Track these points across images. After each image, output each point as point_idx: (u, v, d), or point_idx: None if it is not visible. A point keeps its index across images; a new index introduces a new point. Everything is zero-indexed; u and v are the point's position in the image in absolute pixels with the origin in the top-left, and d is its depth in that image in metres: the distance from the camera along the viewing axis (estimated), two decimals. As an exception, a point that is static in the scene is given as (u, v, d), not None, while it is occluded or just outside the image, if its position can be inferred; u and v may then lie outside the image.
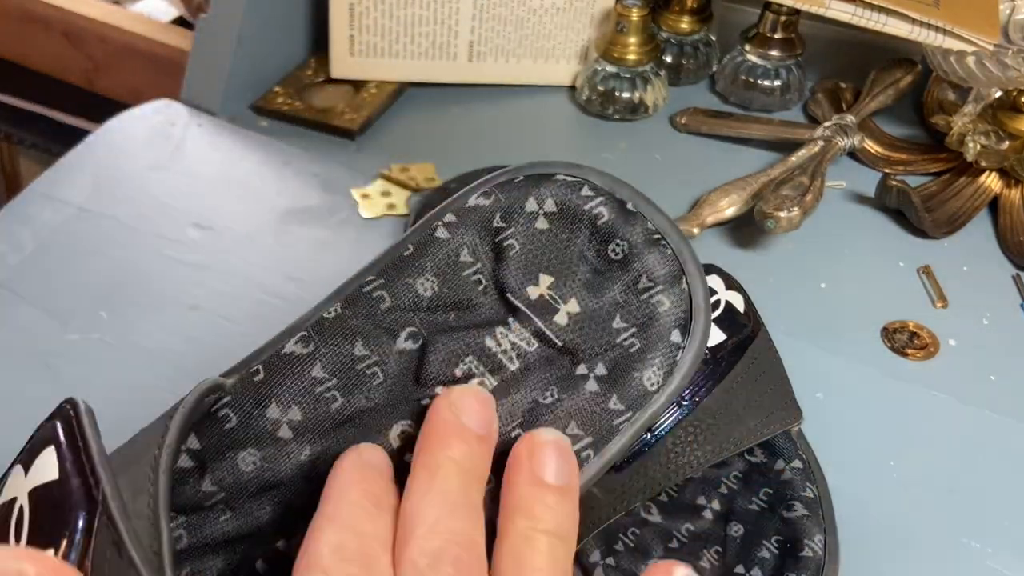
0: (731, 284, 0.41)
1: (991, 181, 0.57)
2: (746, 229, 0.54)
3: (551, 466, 0.27)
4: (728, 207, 0.54)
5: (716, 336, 0.39)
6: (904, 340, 0.48)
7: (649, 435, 0.36)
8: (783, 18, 0.62)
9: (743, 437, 0.37)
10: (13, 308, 0.48)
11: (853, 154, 0.59)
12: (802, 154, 0.56)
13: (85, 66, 0.88)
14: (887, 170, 0.59)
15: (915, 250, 0.54)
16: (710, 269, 0.41)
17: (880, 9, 0.56)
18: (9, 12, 0.88)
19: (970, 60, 0.54)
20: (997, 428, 0.44)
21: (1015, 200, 0.56)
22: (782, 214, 0.50)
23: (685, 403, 0.37)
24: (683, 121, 0.63)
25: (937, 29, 0.56)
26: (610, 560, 0.37)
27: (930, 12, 0.56)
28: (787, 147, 0.58)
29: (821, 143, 0.57)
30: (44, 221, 0.54)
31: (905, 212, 0.54)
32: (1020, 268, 0.53)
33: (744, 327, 0.40)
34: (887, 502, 0.40)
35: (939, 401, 0.45)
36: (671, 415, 0.37)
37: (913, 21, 0.56)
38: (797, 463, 0.39)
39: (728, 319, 0.39)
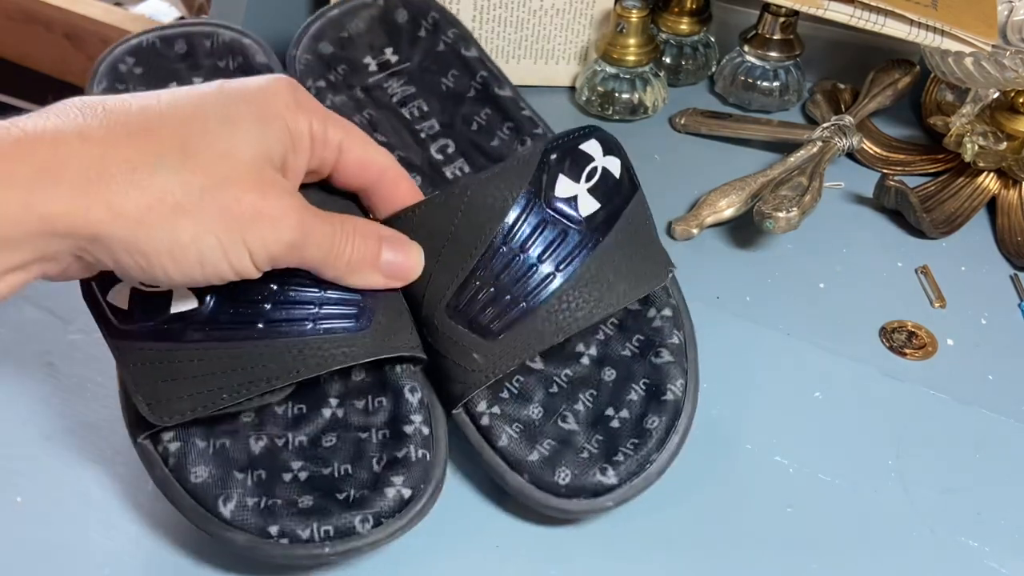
0: (609, 148, 0.41)
1: (989, 182, 0.57)
2: (745, 229, 0.54)
3: None
4: (727, 207, 0.54)
5: (590, 205, 0.40)
6: (902, 340, 0.48)
7: (524, 304, 0.38)
8: (782, 19, 0.62)
9: (613, 302, 0.39)
10: (15, 307, 0.48)
11: (852, 155, 0.59)
12: (801, 155, 0.56)
13: (87, 67, 0.88)
14: (885, 170, 0.59)
15: (913, 250, 0.54)
16: (590, 132, 0.41)
17: (878, 10, 0.56)
18: (10, 13, 0.88)
19: (968, 61, 0.54)
20: (995, 427, 0.44)
21: (1013, 200, 0.56)
22: (781, 214, 0.50)
23: (560, 273, 0.38)
24: (682, 122, 0.63)
25: (935, 30, 0.56)
26: (495, 409, 0.39)
27: (928, 13, 0.56)
28: (786, 148, 0.58)
29: (820, 144, 0.57)
30: (46, 221, 0.54)
31: (903, 212, 0.55)
32: (1018, 268, 0.53)
33: (618, 194, 0.40)
34: (885, 501, 0.41)
35: (937, 401, 0.45)
36: (545, 285, 0.38)
37: (911, 22, 0.56)
38: (667, 311, 0.41)
39: (603, 187, 0.40)
